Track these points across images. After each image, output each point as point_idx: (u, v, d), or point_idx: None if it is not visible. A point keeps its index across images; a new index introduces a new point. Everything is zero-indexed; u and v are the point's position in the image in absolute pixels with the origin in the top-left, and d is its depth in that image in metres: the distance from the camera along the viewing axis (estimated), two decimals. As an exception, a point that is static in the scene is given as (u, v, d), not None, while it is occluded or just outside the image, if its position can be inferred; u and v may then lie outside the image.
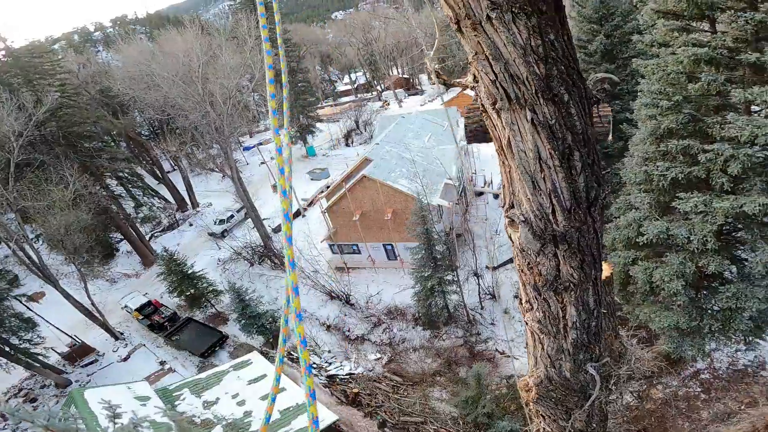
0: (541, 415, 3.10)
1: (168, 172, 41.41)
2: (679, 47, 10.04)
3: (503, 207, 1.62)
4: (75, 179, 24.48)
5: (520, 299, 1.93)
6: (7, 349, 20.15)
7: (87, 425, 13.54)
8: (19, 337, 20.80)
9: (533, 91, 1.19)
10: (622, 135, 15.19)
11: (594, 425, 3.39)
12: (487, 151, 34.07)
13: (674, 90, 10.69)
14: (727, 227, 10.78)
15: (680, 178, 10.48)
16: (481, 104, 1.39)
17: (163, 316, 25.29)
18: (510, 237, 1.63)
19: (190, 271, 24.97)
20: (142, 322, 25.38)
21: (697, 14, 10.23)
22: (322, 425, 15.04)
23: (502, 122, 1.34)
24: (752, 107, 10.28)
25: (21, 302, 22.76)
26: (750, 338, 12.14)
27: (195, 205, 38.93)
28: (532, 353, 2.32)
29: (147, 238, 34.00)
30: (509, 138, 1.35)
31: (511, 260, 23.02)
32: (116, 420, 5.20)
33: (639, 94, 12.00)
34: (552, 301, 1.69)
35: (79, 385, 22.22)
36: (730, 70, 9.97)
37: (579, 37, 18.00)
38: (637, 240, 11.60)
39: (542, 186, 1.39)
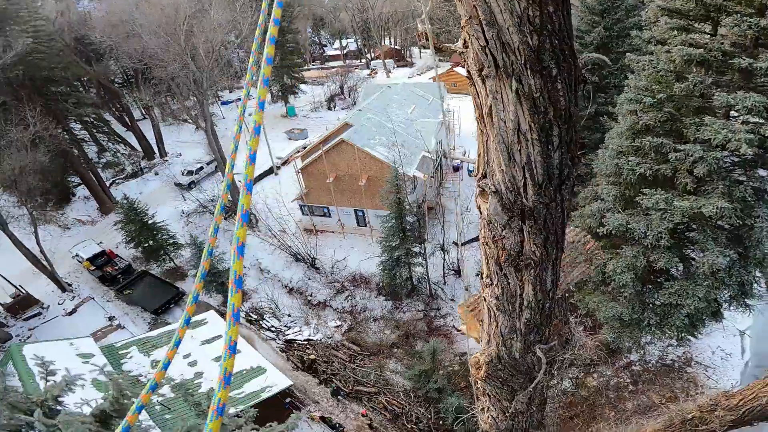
0: (487, 394, 3.22)
1: (137, 120, 39.17)
2: (676, 46, 10.24)
3: (476, 176, 1.57)
4: (36, 120, 22.83)
5: (482, 274, 1.91)
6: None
7: (23, 383, 13.02)
8: None
9: (522, 62, 1.16)
10: (601, 128, 15.49)
11: (533, 408, 3.54)
12: (467, 128, 34.35)
13: (660, 87, 10.95)
14: (682, 226, 11.33)
15: (648, 175, 10.86)
16: (468, 71, 1.35)
17: (116, 267, 23.98)
18: (479, 208, 1.58)
19: (150, 222, 23.72)
20: (93, 274, 23.99)
21: (702, 15, 10.42)
22: (276, 390, 15.06)
23: (486, 90, 1.31)
24: (731, 113, 10.63)
25: None
26: (682, 335, 13.05)
27: (163, 154, 37.19)
28: (486, 330, 2.34)
29: (107, 185, 32.12)
30: (491, 106, 1.32)
31: (477, 238, 23.53)
32: (49, 378, 4.92)
33: (625, 88, 12.26)
34: (512, 278, 1.68)
35: (20, 340, 20.86)
36: (719, 73, 10.28)
37: (578, 27, 18.09)
38: (597, 230, 12.06)
39: (517, 158, 1.35)
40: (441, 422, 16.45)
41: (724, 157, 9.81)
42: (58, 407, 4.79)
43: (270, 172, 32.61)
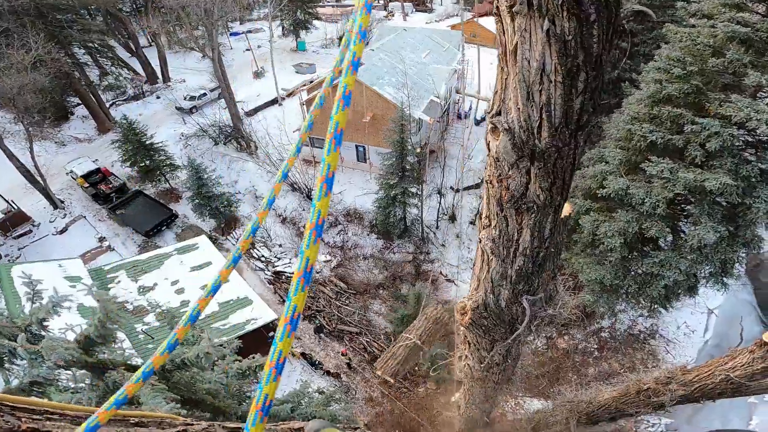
0: (468, 341, 3.28)
1: (143, 47, 37.69)
2: (722, 22, 10.00)
3: (489, 113, 1.49)
4: (39, 45, 21.66)
5: (480, 215, 1.88)
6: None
7: (8, 307, 12.71)
8: None
9: (560, 2, 1.06)
10: (620, 93, 14.97)
11: (509, 361, 3.60)
12: (481, 78, 33.28)
13: (693, 60, 10.70)
14: (680, 198, 11.34)
15: (659, 143, 10.69)
16: (496, 5, 1.25)
17: (110, 186, 23.52)
18: (488, 144, 1.52)
19: (148, 142, 23.11)
20: (86, 191, 23.58)
21: (761, -6, 9.89)
22: (261, 323, 14.86)
23: (513, 27, 1.20)
24: (759, 93, 10.40)
25: None
26: (655, 306, 13.51)
27: (167, 79, 36.48)
28: (477, 275, 2.34)
29: (107, 106, 31.32)
30: (517, 44, 1.22)
31: (476, 185, 23.56)
32: (35, 299, 4.79)
33: (656, 57, 11.92)
34: (511, 220, 1.66)
35: (8, 260, 20.31)
36: (758, 54, 9.93)
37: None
38: (597, 192, 12.06)
39: (536, 98, 1.27)
40: (417, 368, 16.64)
41: (741, 135, 9.65)
42: (42, 332, 4.59)
43: (274, 102, 32.18)
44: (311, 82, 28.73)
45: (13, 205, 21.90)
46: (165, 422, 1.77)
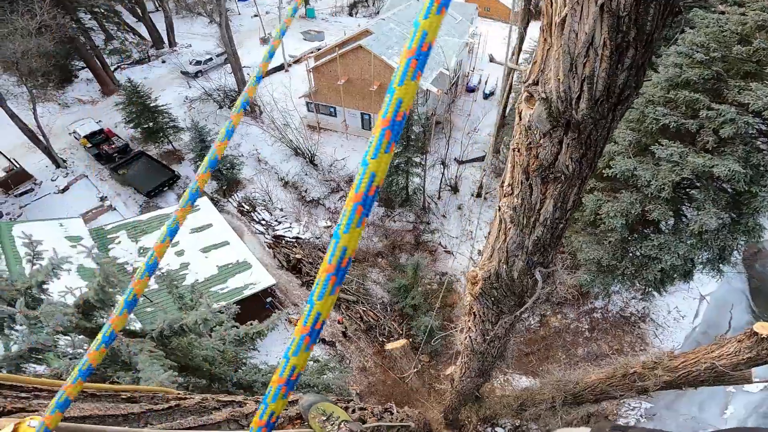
0: (474, 313, 3.21)
1: (150, 11, 36.96)
2: (754, 10, 9.91)
3: (525, 82, 1.48)
4: (44, 10, 21.09)
5: (502, 183, 1.89)
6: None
7: (9, 268, 12.46)
8: None
9: None
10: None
11: (510, 335, 3.60)
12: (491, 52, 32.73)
13: (718, 46, 10.52)
14: (687, 182, 11.32)
15: (671, 126, 10.59)
16: None
17: (113, 146, 23.56)
18: (520, 113, 1.52)
19: (152, 104, 22.98)
20: (89, 151, 23.55)
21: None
22: (259, 288, 14.68)
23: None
24: None
25: None
26: (649, 289, 13.68)
27: (173, 44, 36.13)
28: (492, 244, 2.32)
29: (112, 69, 31.04)
30: (566, 16, 1.19)
31: (480, 158, 23.45)
32: (35, 260, 4.64)
33: (679, 41, 11.70)
34: (536, 189, 1.67)
35: (10, 218, 20.18)
36: None
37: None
38: (603, 171, 12.04)
39: (579, 70, 1.26)
40: (411, 339, 16.65)
41: (756, 123, 9.58)
42: (42, 296, 4.52)
43: (281, 68, 31.94)
44: (319, 49, 28.24)
45: (16, 163, 21.84)
46: (157, 397, 1.76)
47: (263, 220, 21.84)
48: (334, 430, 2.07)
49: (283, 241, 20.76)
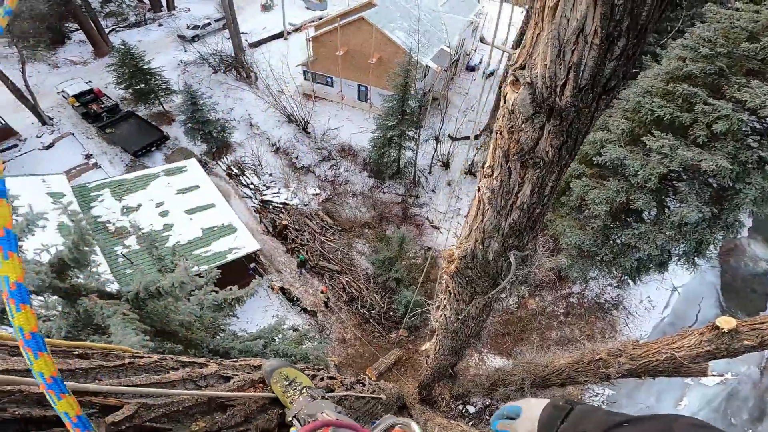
0: (449, 291, 3.26)
1: None
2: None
3: (513, 65, 1.46)
4: None
5: (484, 164, 1.89)
6: None
7: None
8: None
9: None
10: (640, 65, 14.59)
11: (484, 316, 3.64)
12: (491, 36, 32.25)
13: (725, 42, 10.55)
14: (674, 174, 11.48)
15: (666, 118, 10.65)
16: None
17: (102, 106, 23.04)
18: (504, 96, 1.50)
19: (145, 66, 22.42)
20: (77, 110, 22.98)
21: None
22: (243, 253, 14.53)
23: None
24: None
25: None
26: (625, 277, 14.04)
27: (172, 8, 34.79)
28: (470, 224, 2.32)
29: (107, 32, 30.00)
30: (558, 1, 1.16)
31: (475, 137, 23.38)
32: (13, 217, 4.29)
33: (686, 34, 11.64)
34: (514, 173, 1.68)
35: None
36: None
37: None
38: (593, 158, 12.13)
39: (567, 57, 1.24)
40: (392, 313, 17.04)
41: (750, 121, 9.69)
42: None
43: (280, 35, 31.20)
44: (320, 18, 27.44)
45: (0, 120, 21.33)
46: (112, 354, 1.73)
47: (251, 184, 21.61)
48: (295, 395, 2.07)
49: (271, 207, 20.61)
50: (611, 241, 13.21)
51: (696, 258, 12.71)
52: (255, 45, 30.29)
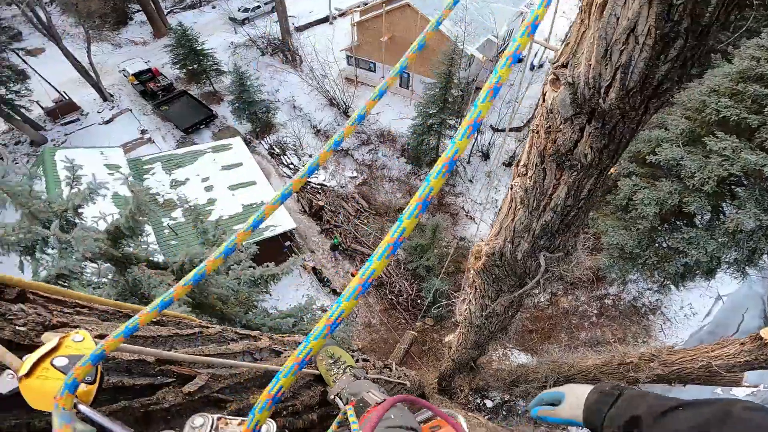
0: (475, 286, 3.22)
1: None
2: None
3: (554, 63, 1.40)
4: None
5: (518, 161, 1.84)
6: (-10, 99, 18.70)
7: (48, 191, 12.76)
8: (7, 88, 19.60)
9: None
10: (708, 64, 13.51)
11: (509, 313, 3.58)
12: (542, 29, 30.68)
13: None
14: (733, 179, 10.66)
15: (731, 120, 9.87)
16: None
17: (159, 84, 24.45)
18: (544, 95, 1.45)
19: (199, 47, 23.53)
20: (136, 88, 24.59)
21: None
22: (279, 230, 14.83)
23: None
24: None
25: (18, 55, 21.07)
26: (667, 282, 13.25)
27: None
28: (500, 221, 2.28)
29: (165, 13, 31.74)
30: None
31: (516, 129, 22.67)
32: (74, 184, 4.48)
33: (762, 34, 10.62)
34: (549, 174, 1.62)
35: (54, 144, 21.03)
36: None
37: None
38: (646, 157, 11.48)
39: (615, 57, 1.15)
40: (419, 301, 16.94)
41: None
42: (76, 219, 4.51)
43: (326, 20, 31.60)
44: (365, 4, 27.26)
45: (65, 95, 23.09)
46: (183, 323, 1.82)
47: (291, 164, 22.21)
48: (339, 373, 2.08)
49: (308, 187, 21.01)
50: (657, 244, 12.51)
51: (747, 267, 11.82)
52: (301, 29, 30.79)
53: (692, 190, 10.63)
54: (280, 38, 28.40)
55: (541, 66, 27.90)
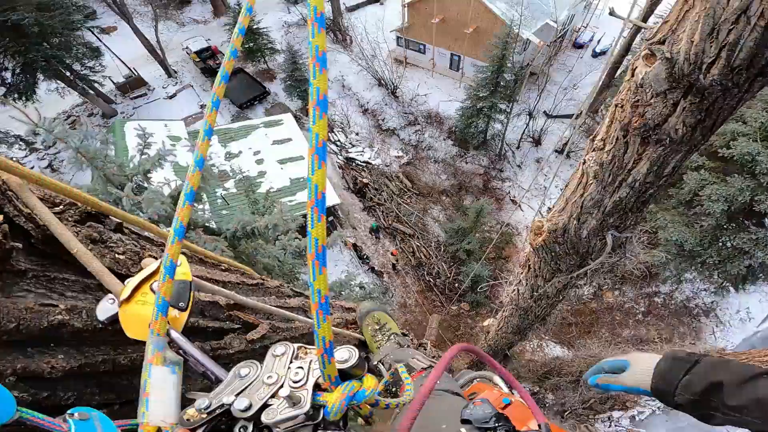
0: (529, 266, 3.09)
1: None
2: None
3: (649, 39, 1.41)
4: None
5: (593, 136, 1.83)
6: (67, 74, 20.34)
7: (117, 155, 13.15)
8: (82, 64, 20.84)
9: None
10: None
11: (559, 297, 3.44)
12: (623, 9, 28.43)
13: None
14: (815, 178, 9.76)
15: None
16: None
17: (218, 62, 25.43)
18: (633, 69, 1.46)
19: (255, 26, 24.13)
20: (197, 65, 25.84)
21: None
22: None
23: None
24: None
25: (93, 33, 22.31)
26: (727, 284, 12.41)
27: None
28: (567, 196, 2.21)
29: None
30: None
31: (572, 115, 21.66)
32: (144, 151, 4.87)
33: None
34: (632, 148, 1.61)
35: (123, 116, 22.72)
36: None
37: None
38: (718, 150, 10.71)
39: (722, 36, 1.13)
40: (457, 285, 16.70)
41: None
42: (146, 184, 4.77)
43: (377, 0, 31.28)
44: None
45: (134, 71, 24.82)
46: (246, 274, 1.88)
47: (338, 141, 22.62)
48: (383, 340, 2.05)
49: (354, 164, 21.38)
50: (720, 243, 11.74)
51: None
52: (352, 9, 30.69)
53: (766, 188, 9.87)
54: (332, 18, 28.48)
55: (603, 53, 26.24)
